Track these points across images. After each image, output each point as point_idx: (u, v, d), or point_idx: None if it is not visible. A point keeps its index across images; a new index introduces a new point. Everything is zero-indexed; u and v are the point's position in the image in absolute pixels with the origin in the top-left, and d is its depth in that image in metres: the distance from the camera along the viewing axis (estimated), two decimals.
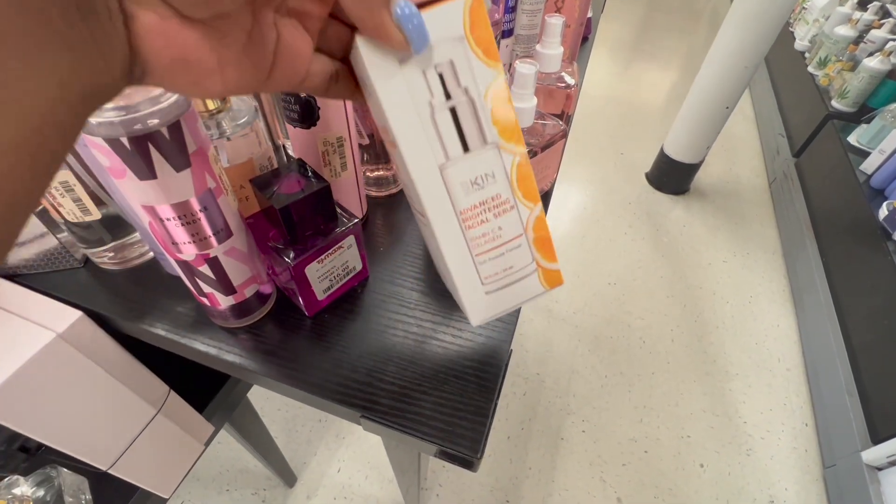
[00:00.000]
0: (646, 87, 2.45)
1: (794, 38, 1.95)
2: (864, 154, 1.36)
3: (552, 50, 0.41)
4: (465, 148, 0.20)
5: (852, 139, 1.42)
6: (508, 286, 0.23)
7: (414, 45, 0.16)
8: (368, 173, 0.41)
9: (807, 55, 1.83)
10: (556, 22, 0.40)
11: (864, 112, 1.49)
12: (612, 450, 1.09)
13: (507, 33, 0.49)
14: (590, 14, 0.67)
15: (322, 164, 0.32)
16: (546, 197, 0.42)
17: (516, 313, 0.32)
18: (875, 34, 1.52)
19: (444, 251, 0.21)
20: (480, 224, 0.21)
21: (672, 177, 1.73)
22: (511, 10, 0.47)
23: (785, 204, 1.64)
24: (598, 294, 1.44)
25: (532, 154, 0.37)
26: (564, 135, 0.38)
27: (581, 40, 0.69)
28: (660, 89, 2.45)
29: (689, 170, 1.69)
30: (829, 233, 1.36)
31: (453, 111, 0.19)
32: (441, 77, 0.18)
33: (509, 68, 0.47)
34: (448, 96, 0.19)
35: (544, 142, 0.37)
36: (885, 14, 1.63)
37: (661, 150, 1.73)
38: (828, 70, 1.62)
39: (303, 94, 0.28)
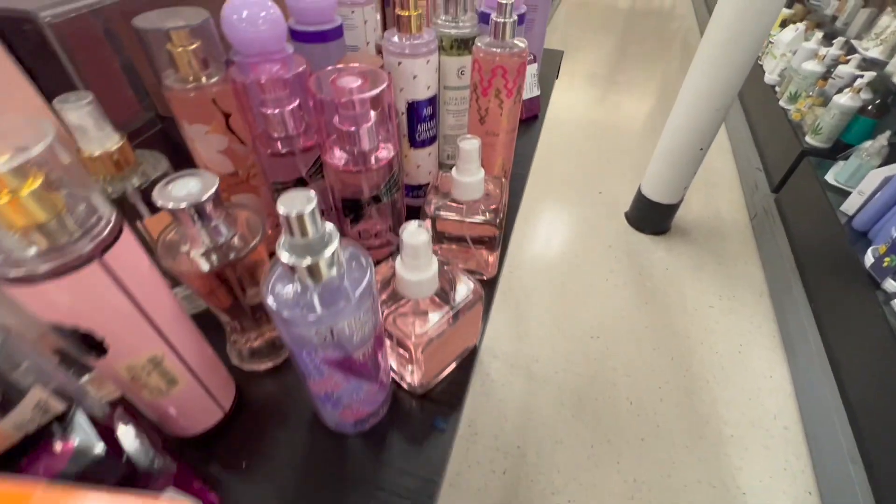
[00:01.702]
0: (622, 121, 2.44)
1: (764, 72, 1.95)
2: (843, 193, 1.32)
3: (470, 177, 0.35)
4: None
5: (830, 177, 1.38)
6: None
7: None
8: (250, 344, 0.33)
9: (777, 89, 1.81)
10: (470, 148, 0.33)
11: (838, 148, 1.46)
12: None
13: (430, 141, 0.42)
14: (537, 92, 0.61)
15: (137, 389, 0.24)
16: (473, 353, 0.34)
17: None
18: (842, 70, 1.50)
19: None
20: None
21: (651, 217, 1.68)
22: (428, 118, 0.40)
23: (767, 241, 1.59)
24: (581, 349, 1.36)
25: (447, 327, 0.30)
26: (480, 297, 0.30)
27: (531, 118, 0.63)
28: (636, 122, 2.43)
29: (669, 210, 1.64)
30: (815, 276, 1.30)
31: None
32: None
33: (437, 178, 0.40)
34: None
35: (457, 309, 0.30)
36: (851, 49, 1.62)
37: (639, 190, 1.68)
38: (799, 105, 1.60)
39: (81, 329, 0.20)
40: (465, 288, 0.30)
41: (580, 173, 2.05)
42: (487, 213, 0.36)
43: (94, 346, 0.21)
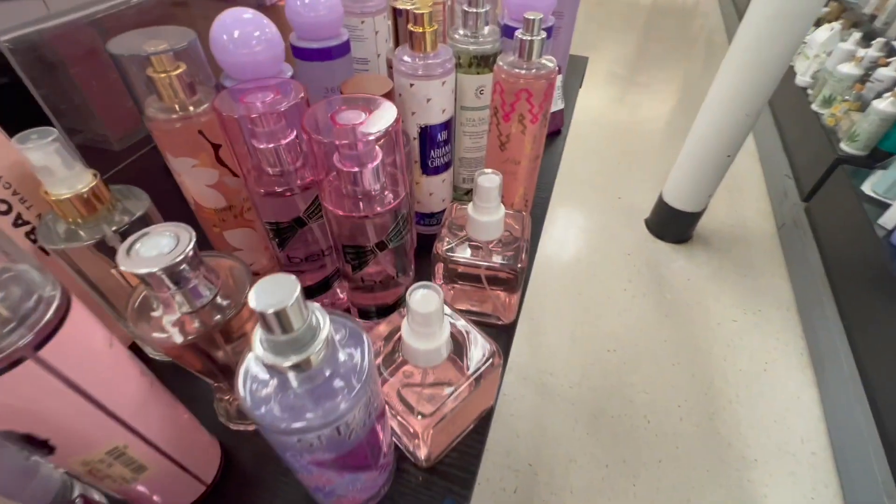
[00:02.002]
0: (642, 123, 2.36)
1: (795, 74, 1.85)
2: (881, 205, 1.24)
3: (489, 216, 0.30)
4: None
5: (866, 188, 1.30)
6: None
7: None
8: (238, 403, 0.29)
9: (809, 92, 1.72)
10: (489, 185, 0.29)
11: (876, 156, 1.38)
12: None
13: (444, 167, 0.38)
14: (561, 105, 0.56)
15: (96, 481, 0.20)
16: (489, 414, 0.30)
17: None
18: (882, 73, 1.41)
19: None
20: None
21: (673, 225, 1.62)
22: (442, 144, 0.36)
23: (796, 253, 1.51)
24: (597, 362, 1.31)
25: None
26: (500, 362, 0.26)
27: (554, 133, 0.59)
28: (657, 124, 2.35)
29: (691, 218, 1.58)
30: (848, 292, 1.23)
31: None
32: None
33: (452, 211, 0.36)
34: None
35: (474, 377, 0.26)
36: (892, 51, 1.52)
37: (661, 197, 1.62)
38: (834, 110, 1.52)
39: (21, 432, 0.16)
40: (482, 350, 0.26)
41: (598, 177, 1.98)
42: (507, 256, 0.32)
43: (38, 444, 0.17)
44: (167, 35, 0.27)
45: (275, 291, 0.15)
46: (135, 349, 0.35)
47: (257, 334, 0.16)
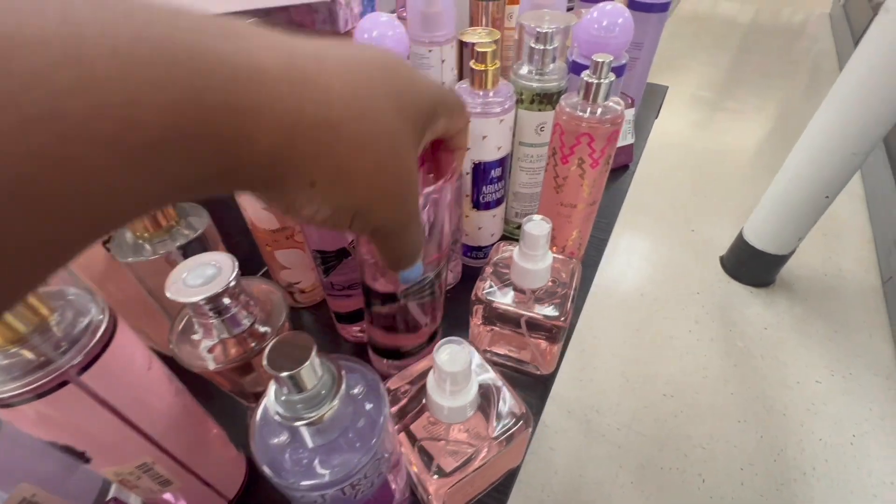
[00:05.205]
0: (726, 152, 2.19)
1: None
2: None
3: (535, 264, 0.29)
4: None
5: None
6: None
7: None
8: None
9: None
10: (538, 233, 0.28)
11: None
12: None
13: (495, 203, 0.37)
14: (631, 140, 0.53)
15: (127, 488, 0.22)
16: (513, 474, 0.29)
17: None
18: None
19: None
20: None
21: (753, 266, 1.47)
22: (496, 180, 0.35)
23: None
24: (650, 407, 1.22)
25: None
26: (530, 425, 0.25)
27: (620, 168, 0.55)
28: (743, 155, 2.17)
29: (775, 260, 1.43)
30: None
31: None
32: None
33: (497, 250, 0.35)
34: None
35: (500, 440, 0.24)
36: None
37: (741, 234, 1.48)
38: None
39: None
40: (511, 411, 0.25)
41: (670, 206, 1.86)
42: (552, 305, 0.30)
43: (76, 454, 0.19)
44: None
45: (290, 352, 0.15)
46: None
47: (271, 393, 0.16)
